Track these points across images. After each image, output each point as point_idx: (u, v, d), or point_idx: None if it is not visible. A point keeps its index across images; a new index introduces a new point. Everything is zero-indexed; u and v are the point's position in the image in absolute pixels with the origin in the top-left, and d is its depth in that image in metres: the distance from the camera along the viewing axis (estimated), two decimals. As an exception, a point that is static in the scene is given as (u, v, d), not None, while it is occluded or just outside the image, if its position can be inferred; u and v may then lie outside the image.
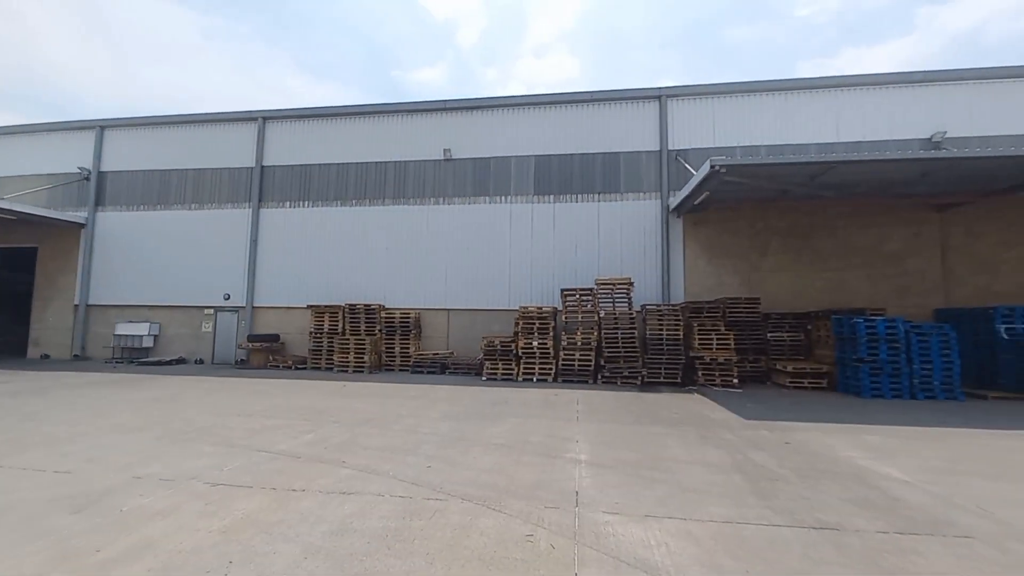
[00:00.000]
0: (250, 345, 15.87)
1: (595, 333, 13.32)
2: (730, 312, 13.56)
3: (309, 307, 16.10)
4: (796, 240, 14.45)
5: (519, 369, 13.32)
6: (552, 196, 16.02)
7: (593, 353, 13.17)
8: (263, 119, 17.84)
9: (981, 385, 11.22)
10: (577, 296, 13.94)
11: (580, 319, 13.72)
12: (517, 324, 13.93)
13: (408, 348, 15.30)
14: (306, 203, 17.38)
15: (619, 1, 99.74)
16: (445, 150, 16.69)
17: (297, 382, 11.95)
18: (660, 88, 15.74)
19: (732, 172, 10.81)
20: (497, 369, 13.37)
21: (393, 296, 16.46)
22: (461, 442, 5.88)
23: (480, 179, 16.54)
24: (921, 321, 11.53)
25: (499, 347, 13.62)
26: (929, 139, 13.81)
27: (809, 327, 13.34)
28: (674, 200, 14.55)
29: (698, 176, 11.68)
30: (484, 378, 13.14)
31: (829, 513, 3.73)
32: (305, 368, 15.38)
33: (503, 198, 16.28)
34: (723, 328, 12.78)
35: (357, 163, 17.35)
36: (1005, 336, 11.20)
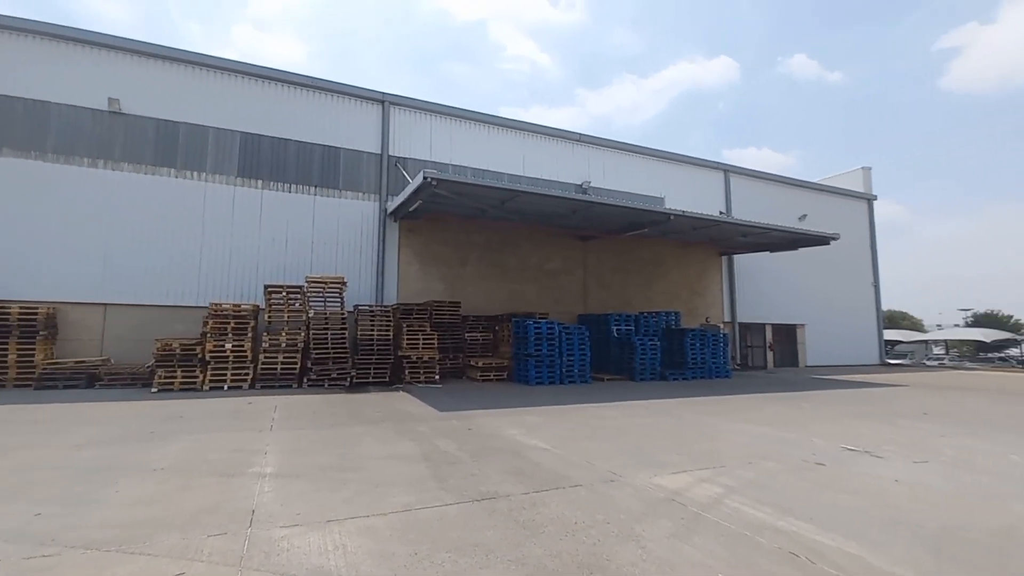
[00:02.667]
0: None
1: (303, 334, 12.57)
2: (436, 314, 14.83)
3: None
4: (490, 254, 16.90)
5: (205, 377, 11.44)
6: (261, 182, 14.40)
7: (299, 355, 12.39)
8: None
9: (601, 371, 15.40)
10: (285, 294, 12.89)
11: (287, 319, 12.72)
12: (206, 324, 11.94)
13: (32, 355, 11.24)
14: None
15: (356, 4, 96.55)
16: (111, 99, 13.00)
17: None
18: (385, 93, 16.07)
19: (442, 186, 11.91)
20: (174, 378, 11.16)
21: (11, 283, 11.89)
22: (105, 473, 4.68)
23: (166, 146, 13.55)
24: (569, 323, 15.09)
25: (179, 352, 11.41)
26: (580, 185, 18.26)
27: (497, 328, 15.77)
28: (392, 204, 15.03)
29: (413, 184, 12.42)
30: (155, 390, 10.78)
31: (489, 485, 4.53)
32: None
33: (197, 174, 13.76)
34: (429, 329, 13.87)
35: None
36: (615, 335, 15.72)
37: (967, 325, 51.55)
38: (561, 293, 17.88)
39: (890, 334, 36.12)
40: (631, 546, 3.27)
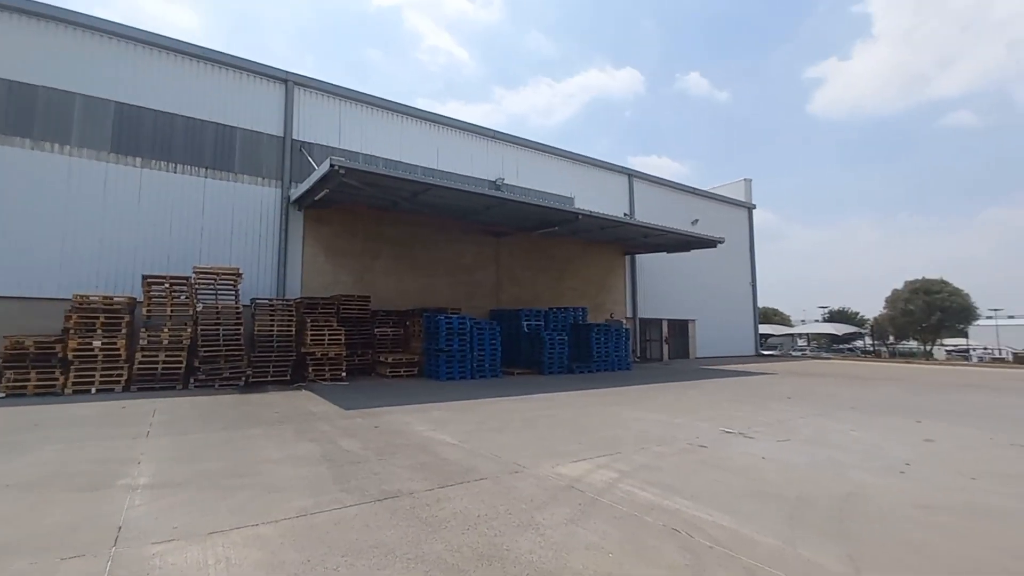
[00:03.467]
0: None
1: (189, 330, 11.45)
2: (343, 309, 14.21)
3: None
4: (402, 248, 16.53)
5: (68, 379, 10.05)
6: (140, 159, 12.87)
7: (185, 353, 11.27)
8: None
9: (511, 364, 15.69)
10: (168, 285, 11.66)
11: (170, 313, 11.53)
12: (69, 319, 10.47)
13: None
14: None
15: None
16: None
17: None
18: (289, 72, 15.05)
19: (351, 175, 11.41)
20: (28, 381, 9.71)
21: None
22: (-77, 499, 3.94)
23: (20, 113, 11.61)
24: (481, 318, 15.20)
25: (33, 351, 9.93)
26: (494, 182, 18.42)
27: (408, 323, 15.47)
28: (296, 192, 14.14)
29: (319, 172, 11.78)
30: (3, 394, 9.28)
31: (394, 483, 4.45)
32: None
33: (59, 147, 11.96)
34: (335, 324, 13.26)
35: None
36: (526, 330, 16.09)
37: (824, 320, 59.43)
38: (474, 288, 17.94)
39: (764, 328, 40.62)
40: (530, 534, 3.39)
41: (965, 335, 44.27)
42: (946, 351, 41.55)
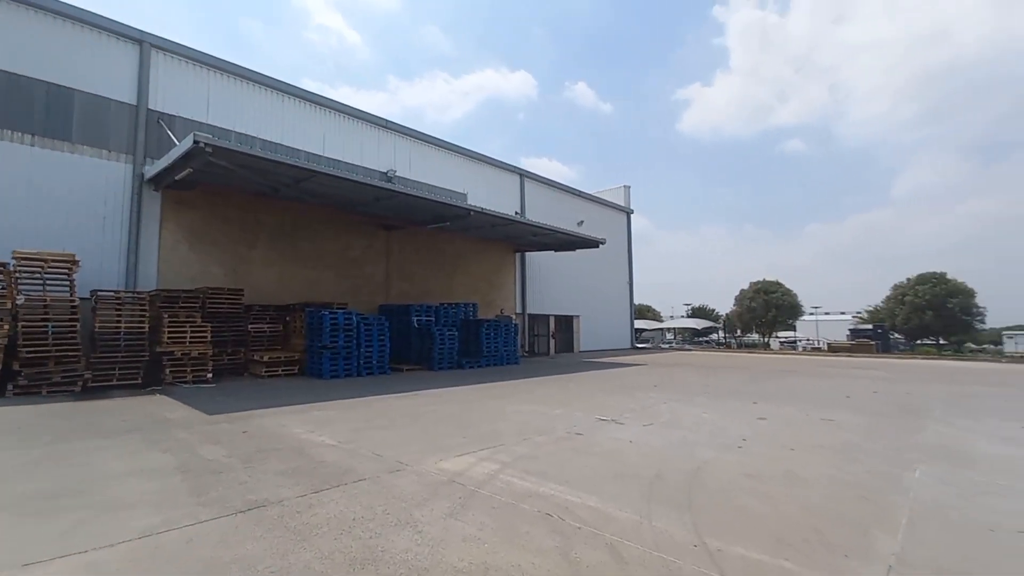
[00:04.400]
0: None
1: (6, 327, 9.56)
2: (211, 303, 12.83)
3: None
4: (283, 238, 15.35)
5: None
6: (-71, 115, 10.39)
7: (1, 355, 9.40)
8: None
9: (400, 361, 15.39)
10: (-29, 273, 9.62)
11: (-25, 307, 9.53)
12: None
13: None
14: None
15: None
16: None
17: None
18: (144, 32, 13.17)
19: (220, 155, 10.34)
20: None
21: None
22: None
23: None
24: (369, 314, 14.67)
25: None
26: (386, 173, 17.84)
27: (288, 319, 14.42)
28: (151, 170, 12.43)
29: (180, 148, 10.51)
30: None
31: (261, 491, 4.15)
32: None
33: None
34: (200, 320, 11.94)
35: None
36: (416, 325, 15.87)
37: (687, 316, 66.71)
38: (363, 283, 17.23)
39: (639, 323, 44.51)
40: (407, 532, 3.39)
41: (794, 328, 52.52)
42: (780, 342, 49.00)
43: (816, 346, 44.84)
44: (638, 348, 32.93)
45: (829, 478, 4.82)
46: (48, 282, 10.33)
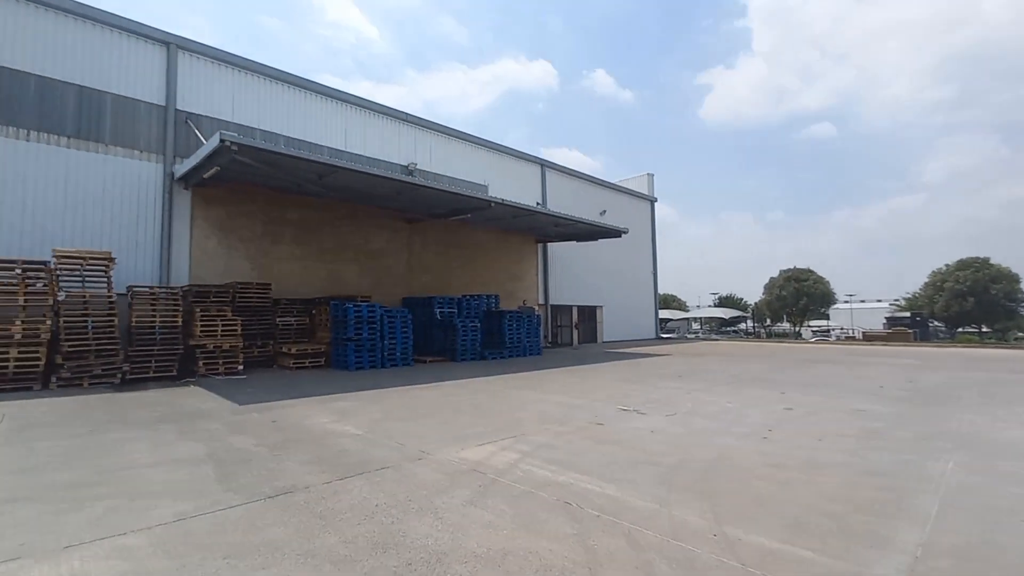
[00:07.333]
0: None
1: (48, 322, 10.03)
2: (240, 297, 13.21)
3: None
4: (306, 232, 15.64)
5: None
6: (-26, 122, 10.90)
7: (44, 349, 9.89)
8: None
9: (423, 352, 15.56)
10: (20, 272, 10.13)
11: (23, 303, 10.03)
12: None
13: None
14: None
15: None
16: None
17: None
18: (172, 35, 13.52)
19: (245, 152, 10.57)
20: None
21: None
22: None
23: None
24: (392, 306, 14.85)
25: None
26: (406, 166, 17.96)
27: (314, 312, 14.73)
28: (181, 168, 12.80)
29: (208, 147, 10.77)
30: None
31: (287, 479, 4.27)
32: None
33: None
34: (230, 314, 12.29)
35: None
36: (438, 317, 16.00)
37: (714, 305, 65.48)
38: (385, 275, 17.45)
39: (663, 313, 43.97)
40: (428, 518, 3.44)
41: (827, 317, 51.04)
42: (812, 331, 47.67)
43: (850, 335, 43.51)
44: (663, 338, 32.51)
45: (854, 467, 4.69)
46: (87, 279, 10.78)
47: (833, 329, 50.30)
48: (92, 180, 12.14)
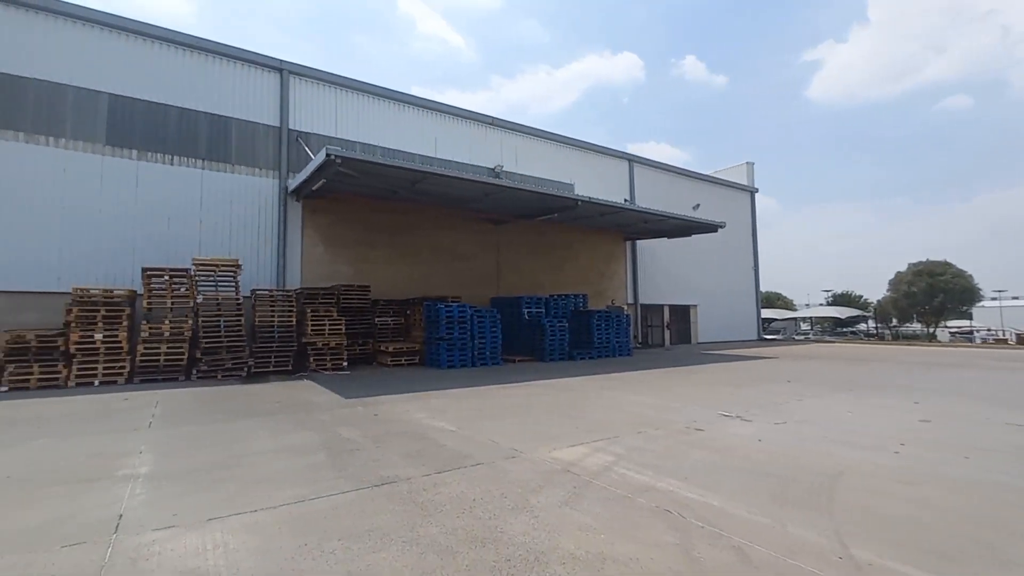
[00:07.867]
0: None
1: (190, 322, 11.53)
2: (343, 299, 14.27)
3: None
4: (401, 236, 16.52)
5: (70, 372, 10.15)
6: (135, 151, 12.85)
7: (187, 345, 11.37)
8: None
9: (511, 352, 15.76)
10: (167, 278, 11.73)
11: (170, 305, 11.60)
12: (70, 312, 10.55)
13: None
14: None
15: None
16: (-76, 45, 10.84)
17: None
18: (283, 61, 14.93)
19: (347, 164, 11.38)
20: (30, 375, 9.80)
21: None
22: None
23: (9, 104, 11.58)
24: (481, 306, 15.21)
25: (35, 345, 10.03)
26: (493, 169, 18.32)
27: (408, 312, 15.51)
28: (293, 182, 14.11)
29: (316, 162, 11.75)
30: (5, 388, 9.40)
31: (390, 469, 4.51)
32: None
33: (53, 140, 11.95)
34: (335, 314, 13.32)
35: None
36: (526, 317, 16.13)
37: (827, 304, 59.37)
38: (473, 276, 17.95)
39: (766, 313, 40.66)
40: (524, 516, 3.45)
41: (969, 317, 44.16)
42: (950, 333, 41.47)
43: (1000, 337, 37.35)
44: (765, 339, 30.12)
45: (1007, 487, 3.97)
46: (219, 284, 12.25)
47: (977, 330, 43.38)
48: (221, 196, 13.78)
